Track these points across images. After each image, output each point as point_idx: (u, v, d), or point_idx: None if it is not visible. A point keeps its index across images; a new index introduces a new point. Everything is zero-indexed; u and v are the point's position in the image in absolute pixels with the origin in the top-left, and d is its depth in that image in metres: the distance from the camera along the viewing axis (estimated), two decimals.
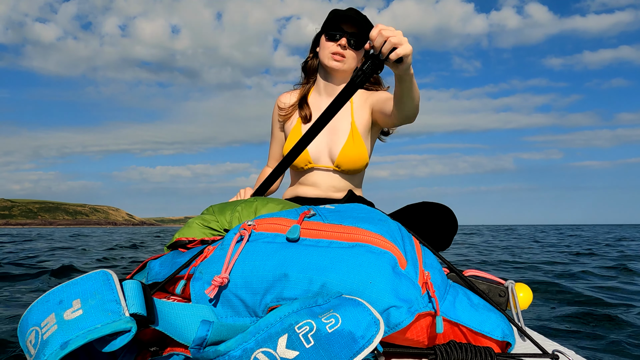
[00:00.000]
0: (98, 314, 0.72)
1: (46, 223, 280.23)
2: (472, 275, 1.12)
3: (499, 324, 0.94)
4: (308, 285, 0.84)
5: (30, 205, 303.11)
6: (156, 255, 1.14)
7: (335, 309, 0.76)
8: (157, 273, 1.03)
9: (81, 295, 0.76)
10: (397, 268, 0.89)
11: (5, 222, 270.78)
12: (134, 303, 0.75)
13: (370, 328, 0.73)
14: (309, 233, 0.94)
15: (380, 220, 1.00)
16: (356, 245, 0.90)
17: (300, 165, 1.78)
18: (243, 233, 0.94)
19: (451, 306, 0.93)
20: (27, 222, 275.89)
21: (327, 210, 1.04)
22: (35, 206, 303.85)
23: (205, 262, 0.93)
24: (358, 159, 1.75)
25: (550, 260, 6.87)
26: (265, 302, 0.85)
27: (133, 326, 0.72)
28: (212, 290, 0.86)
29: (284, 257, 0.88)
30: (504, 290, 1.09)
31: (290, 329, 0.72)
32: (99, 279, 0.79)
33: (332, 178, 1.79)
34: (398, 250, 0.92)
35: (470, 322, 0.93)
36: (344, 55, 1.72)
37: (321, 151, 1.77)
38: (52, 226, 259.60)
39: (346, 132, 1.76)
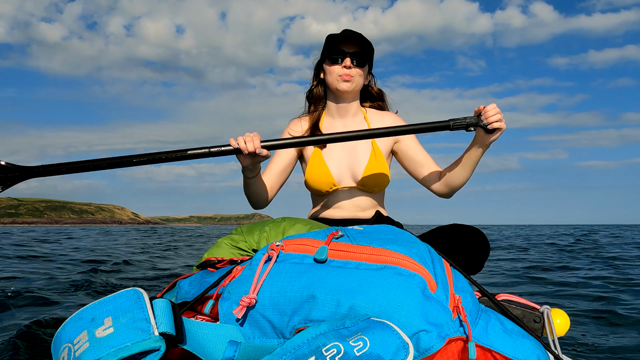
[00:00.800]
0: (128, 333, 0.73)
1: (52, 222, 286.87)
2: (506, 299, 1.09)
3: (534, 351, 0.91)
4: (336, 307, 0.83)
5: (37, 204, 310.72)
6: (186, 275, 1.15)
7: (363, 331, 0.74)
8: (187, 292, 1.04)
9: (113, 313, 0.77)
10: (426, 291, 0.87)
11: (12, 221, 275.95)
12: (163, 322, 0.76)
13: (399, 352, 0.71)
14: (337, 254, 0.93)
15: (410, 242, 0.99)
16: (385, 267, 0.89)
17: (324, 189, 1.78)
18: (271, 254, 0.94)
19: (484, 331, 0.91)
20: (34, 221, 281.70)
21: (355, 232, 1.03)
22: (41, 205, 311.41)
23: (234, 282, 0.93)
24: (381, 177, 1.75)
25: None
26: (292, 324, 0.84)
27: (162, 345, 0.73)
28: (240, 310, 0.86)
29: (311, 279, 0.87)
30: (539, 315, 1.05)
31: (318, 351, 0.72)
32: (130, 297, 0.80)
33: (356, 198, 1.78)
34: (428, 273, 0.91)
35: (503, 349, 0.90)
36: (350, 75, 1.73)
37: (343, 173, 1.77)
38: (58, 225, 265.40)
39: (368, 151, 1.77)
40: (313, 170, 1.78)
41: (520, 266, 5.82)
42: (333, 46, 1.74)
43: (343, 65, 1.73)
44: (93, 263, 5.85)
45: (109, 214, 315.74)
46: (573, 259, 7.05)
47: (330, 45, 1.74)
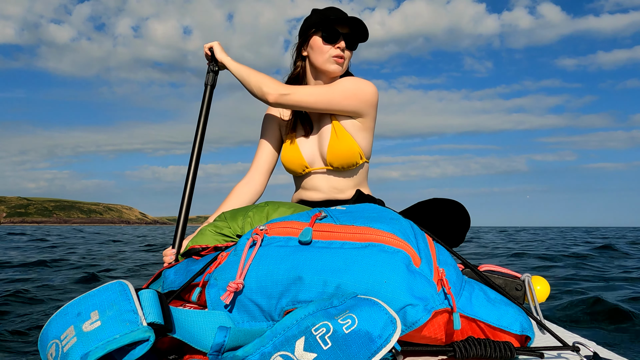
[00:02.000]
0: (116, 325, 0.73)
1: (61, 221, 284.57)
2: (488, 270, 1.12)
3: (517, 318, 0.94)
4: (323, 287, 0.84)
5: (46, 204, 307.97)
6: (170, 264, 1.15)
7: (351, 309, 0.75)
8: (173, 281, 1.04)
9: (99, 306, 0.76)
10: (411, 266, 0.89)
11: (22, 220, 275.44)
12: (150, 312, 0.76)
13: (387, 327, 0.73)
14: (322, 235, 0.94)
15: (392, 219, 1.00)
16: (369, 245, 0.90)
17: (298, 170, 1.78)
18: (255, 238, 0.94)
19: (468, 302, 0.93)
20: (43, 220, 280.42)
21: (338, 212, 1.04)
22: (50, 204, 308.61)
23: (220, 268, 0.93)
24: (347, 154, 1.69)
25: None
26: (280, 306, 0.85)
27: (151, 335, 0.73)
28: (227, 296, 0.86)
29: (297, 260, 0.88)
30: (521, 283, 1.08)
31: (307, 331, 0.72)
32: (116, 289, 0.79)
33: (331, 179, 1.76)
34: (411, 248, 0.92)
35: (487, 317, 0.92)
36: (343, 58, 1.72)
37: (314, 154, 1.76)
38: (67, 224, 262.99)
39: (329, 128, 1.73)
40: (286, 153, 1.80)
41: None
42: (329, 25, 1.69)
43: (337, 47, 1.70)
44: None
45: (117, 214, 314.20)
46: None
47: (325, 23, 1.69)
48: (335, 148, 1.70)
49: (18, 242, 10.52)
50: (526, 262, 7.75)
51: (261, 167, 1.87)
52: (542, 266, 7.11)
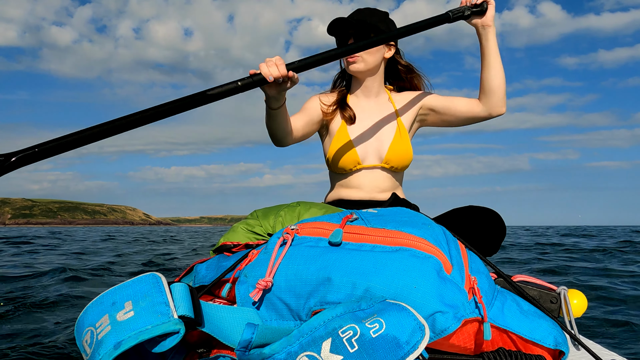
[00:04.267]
0: (148, 316, 0.74)
1: (65, 222, 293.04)
2: (522, 280, 1.09)
3: (551, 332, 0.91)
4: (351, 289, 0.84)
5: (51, 205, 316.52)
6: (202, 259, 1.17)
7: (379, 313, 0.75)
8: (204, 276, 1.06)
9: (132, 297, 0.79)
10: (442, 272, 0.87)
11: (26, 221, 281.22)
12: (181, 305, 0.77)
13: (415, 334, 0.72)
14: (352, 237, 0.94)
15: (424, 224, 0.99)
16: (400, 250, 0.89)
17: (348, 167, 1.75)
18: (286, 237, 0.95)
19: (499, 312, 0.91)
20: (48, 222, 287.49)
21: (369, 214, 1.04)
22: (55, 206, 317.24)
23: (250, 265, 0.94)
24: (406, 155, 1.74)
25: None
26: (308, 306, 0.85)
27: (181, 328, 0.74)
28: (256, 293, 0.87)
29: (327, 261, 0.88)
30: (556, 296, 1.05)
31: (334, 333, 0.72)
32: (149, 281, 0.81)
33: (377, 178, 1.76)
34: (443, 255, 0.91)
35: (520, 329, 0.89)
36: (355, 55, 1.70)
37: (368, 151, 1.75)
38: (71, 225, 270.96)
39: (393, 128, 1.76)
40: (338, 146, 1.74)
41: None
42: (335, 31, 1.72)
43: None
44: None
45: (121, 215, 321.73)
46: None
47: (333, 31, 1.72)
48: (397, 147, 1.73)
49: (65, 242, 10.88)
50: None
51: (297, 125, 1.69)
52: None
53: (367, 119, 1.79)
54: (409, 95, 1.83)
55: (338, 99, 1.82)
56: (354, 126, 1.78)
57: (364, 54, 1.71)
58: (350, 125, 1.77)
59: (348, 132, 1.76)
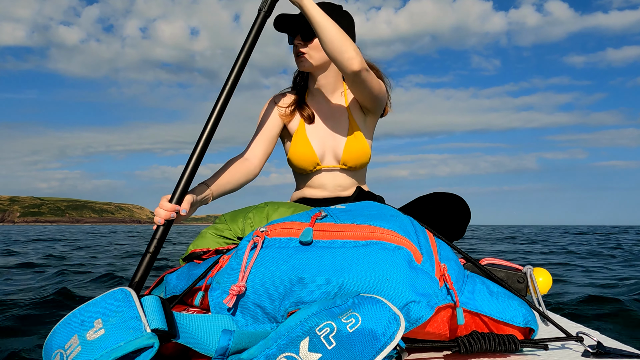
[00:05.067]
0: (120, 332, 0.73)
1: (73, 221, 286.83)
2: (489, 263, 1.12)
3: (520, 311, 0.94)
4: (325, 287, 0.84)
5: (59, 204, 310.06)
6: (172, 269, 1.15)
7: (354, 308, 0.75)
8: (175, 286, 1.04)
9: (102, 314, 0.76)
10: (413, 263, 0.89)
11: (35, 220, 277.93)
12: (154, 318, 0.76)
13: (391, 325, 0.73)
14: (322, 235, 0.94)
15: (392, 216, 1.00)
16: (370, 243, 0.90)
17: (308, 168, 1.76)
18: (256, 240, 0.94)
19: (470, 296, 0.93)
20: (56, 220, 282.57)
21: (338, 211, 1.04)
22: (63, 204, 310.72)
23: (222, 271, 0.93)
24: (362, 155, 1.73)
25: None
26: (284, 307, 0.85)
27: (155, 342, 0.73)
28: (230, 299, 0.86)
29: (299, 261, 0.88)
30: (523, 276, 1.08)
31: (311, 331, 0.73)
32: (118, 297, 0.79)
33: (338, 177, 1.77)
34: (412, 245, 0.92)
35: (490, 311, 0.92)
36: (303, 53, 1.68)
37: (326, 151, 1.76)
38: (79, 224, 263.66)
39: (346, 127, 1.74)
40: (297, 149, 1.75)
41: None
42: (282, 28, 1.68)
43: (294, 45, 1.70)
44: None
45: (129, 213, 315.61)
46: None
47: (280, 28, 1.68)
48: (352, 147, 1.71)
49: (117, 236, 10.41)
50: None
51: (257, 151, 1.72)
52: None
53: (324, 118, 1.78)
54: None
55: (296, 99, 1.81)
56: (312, 126, 1.77)
57: (309, 50, 1.67)
58: (309, 125, 1.77)
59: (306, 133, 1.75)
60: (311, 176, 1.79)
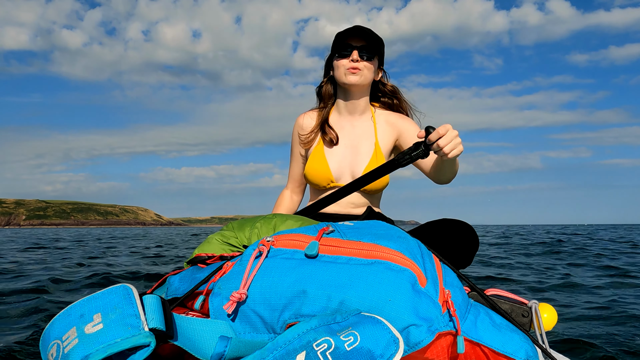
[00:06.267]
0: (118, 328, 0.73)
1: (79, 223, 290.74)
2: (494, 294, 1.10)
3: (523, 345, 0.92)
4: (326, 302, 0.83)
5: (64, 206, 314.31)
6: (176, 271, 1.15)
7: (354, 326, 0.75)
8: (177, 288, 1.04)
9: (102, 309, 0.76)
10: (416, 286, 0.88)
11: (40, 223, 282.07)
12: (153, 318, 0.76)
13: (390, 347, 0.72)
14: (328, 249, 0.94)
15: (400, 238, 0.99)
16: (375, 263, 0.90)
17: (322, 184, 1.79)
18: (262, 249, 0.94)
19: (473, 326, 0.91)
20: (61, 222, 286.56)
21: (346, 227, 1.04)
22: (68, 207, 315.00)
23: (224, 277, 0.93)
24: (380, 180, 1.75)
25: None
26: (283, 319, 0.84)
27: (152, 341, 0.72)
28: (230, 305, 0.86)
29: (302, 274, 0.88)
30: (528, 310, 1.07)
31: (309, 346, 0.72)
32: (120, 293, 0.79)
33: (352, 196, 1.79)
34: (418, 268, 0.91)
35: (492, 343, 0.90)
36: (358, 68, 1.73)
37: (343, 170, 1.78)
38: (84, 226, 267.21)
39: (369, 152, 1.77)
40: (312, 165, 1.80)
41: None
42: (341, 41, 1.74)
43: (351, 59, 1.73)
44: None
45: (133, 216, 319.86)
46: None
47: (339, 41, 1.74)
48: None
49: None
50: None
51: (296, 184, 2.00)
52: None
53: (348, 138, 1.82)
54: (392, 118, 1.84)
55: (319, 123, 1.85)
56: (331, 145, 1.81)
57: (365, 68, 1.74)
58: (327, 145, 1.81)
59: (324, 152, 1.80)
60: (325, 192, 1.81)
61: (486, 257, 7.71)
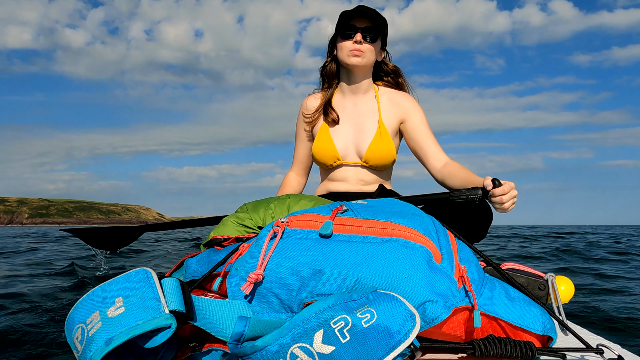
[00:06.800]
0: (139, 311, 0.74)
1: (81, 222, 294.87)
2: (510, 268, 1.10)
3: (539, 318, 0.92)
4: (342, 280, 0.84)
5: (66, 205, 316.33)
6: (193, 254, 1.16)
7: (370, 304, 0.75)
8: (194, 271, 1.06)
9: (123, 293, 0.78)
10: (432, 262, 0.88)
11: (43, 221, 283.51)
12: (173, 300, 0.77)
13: (407, 323, 0.72)
14: (342, 229, 0.94)
15: (414, 215, 0.99)
16: (390, 240, 0.90)
17: (328, 162, 1.81)
18: (276, 230, 0.95)
19: (489, 300, 0.92)
20: (64, 221, 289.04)
21: (359, 206, 1.04)
22: (70, 205, 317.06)
23: (241, 259, 0.94)
24: (386, 155, 1.77)
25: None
26: (300, 298, 0.85)
27: (173, 323, 0.74)
28: (247, 286, 0.87)
29: (317, 253, 0.88)
30: (544, 283, 1.06)
31: (326, 324, 0.73)
32: (139, 277, 0.81)
33: (361, 173, 1.82)
34: (432, 244, 0.91)
35: (509, 316, 0.91)
36: (361, 50, 1.72)
37: (348, 147, 1.80)
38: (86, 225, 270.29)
39: (374, 129, 1.79)
40: (319, 143, 1.82)
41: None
42: (345, 22, 1.73)
43: (354, 41, 1.72)
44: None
45: (135, 214, 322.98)
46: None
47: (342, 21, 1.73)
48: (376, 148, 1.76)
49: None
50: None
51: (304, 163, 2.01)
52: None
53: (352, 116, 1.83)
54: (397, 98, 1.84)
55: (322, 103, 1.85)
56: (333, 122, 1.83)
57: (368, 50, 1.73)
58: (332, 124, 1.83)
59: (329, 131, 1.82)
60: (333, 170, 1.83)
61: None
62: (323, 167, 1.88)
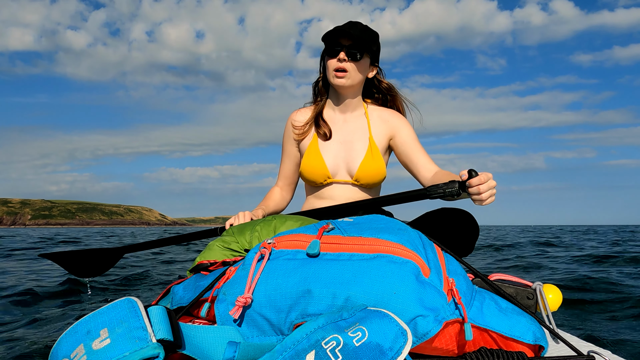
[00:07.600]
0: (126, 342, 0.72)
1: (84, 223, 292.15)
2: (498, 279, 1.10)
3: (530, 327, 0.92)
4: (332, 299, 0.84)
5: (69, 206, 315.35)
6: (179, 280, 1.15)
7: (361, 322, 0.75)
8: (181, 297, 1.04)
9: (108, 324, 0.76)
10: (420, 277, 0.88)
11: (46, 222, 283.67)
12: (160, 329, 0.76)
13: (398, 339, 0.72)
14: (330, 247, 0.94)
15: (400, 230, 0.99)
16: (377, 257, 0.90)
17: (319, 180, 1.79)
18: (263, 252, 0.94)
19: (479, 312, 0.92)
20: (66, 222, 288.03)
21: (345, 223, 1.04)
22: (73, 207, 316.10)
23: (228, 283, 0.93)
24: (377, 174, 1.76)
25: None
26: (290, 320, 0.84)
27: (161, 352, 0.72)
28: (236, 310, 0.86)
29: (306, 273, 0.88)
30: (532, 292, 1.07)
31: (317, 344, 0.72)
32: (125, 306, 0.79)
33: (350, 191, 1.80)
34: (420, 259, 0.91)
35: (499, 327, 0.91)
36: (345, 70, 1.70)
37: (339, 165, 1.78)
38: (89, 226, 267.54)
39: (364, 147, 1.77)
40: (308, 161, 1.79)
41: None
42: (331, 39, 1.71)
43: (337, 59, 1.71)
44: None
45: (138, 215, 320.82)
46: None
47: (329, 38, 1.71)
48: (367, 166, 1.75)
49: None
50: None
51: (286, 182, 1.98)
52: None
53: (342, 134, 1.81)
54: (385, 115, 1.84)
55: (313, 116, 1.84)
56: (328, 141, 1.81)
57: (352, 69, 1.72)
58: (325, 141, 1.80)
59: (319, 148, 1.79)
60: (321, 188, 1.81)
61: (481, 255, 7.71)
62: (311, 185, 1.85)
